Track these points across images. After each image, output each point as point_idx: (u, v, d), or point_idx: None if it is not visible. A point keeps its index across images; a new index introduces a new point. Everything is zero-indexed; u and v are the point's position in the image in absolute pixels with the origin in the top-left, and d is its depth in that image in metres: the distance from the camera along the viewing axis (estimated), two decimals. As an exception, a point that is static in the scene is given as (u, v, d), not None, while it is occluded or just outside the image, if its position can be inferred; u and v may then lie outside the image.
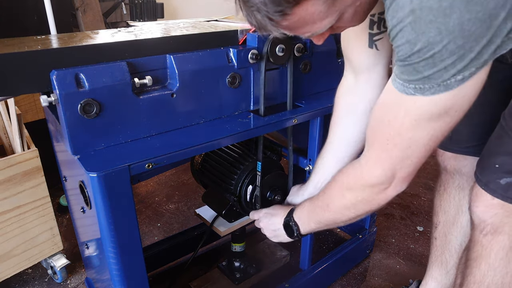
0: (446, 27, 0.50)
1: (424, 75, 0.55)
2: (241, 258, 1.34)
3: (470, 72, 0.54)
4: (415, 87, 0.58)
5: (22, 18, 1.88)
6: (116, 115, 0.76)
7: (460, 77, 0.55)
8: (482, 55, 0.53)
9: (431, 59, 0.53)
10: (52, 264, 1.43)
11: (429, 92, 0.57)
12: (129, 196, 0.73)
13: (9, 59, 0.66)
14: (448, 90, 0.56)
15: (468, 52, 0.52)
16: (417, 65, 0.55)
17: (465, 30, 0.50)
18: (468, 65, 0.53)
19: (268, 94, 1.00)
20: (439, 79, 0.55)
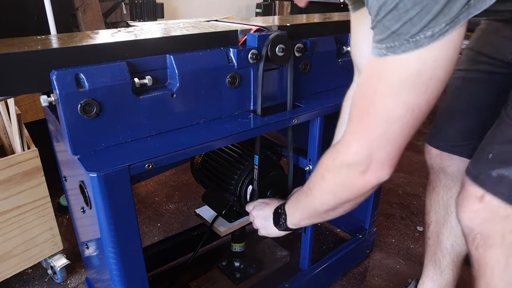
0: None
1: (392, 30, 0.54)
2: (241, 258, 1.34)
3: (440, 28, 0.52)
4: (386, 46, 0.55)
5: (22, 18, 1.88)
6: (116, 115, 0.76)
7: (430, 32, 0.52)
8: (450, 9, 0.51)
9: (395, 11, 0.52)
10: (52, 264, 1.43)
11: (400, 50, 0.54)
12: (129, 196, 0.73)
13: (9, 59, 0.66)
14: (418, 47, 0.53)
15: (433, 3, 0.50)
16: (385, 20, 0.53)
17: None
18: (436, 19, 0.51)
19: (268, 94, 1.00)
20: (407, 34, 0.53)
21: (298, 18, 1.33)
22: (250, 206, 1.07)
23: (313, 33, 1.08)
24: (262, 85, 0.94)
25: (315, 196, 0.79)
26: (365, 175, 0.66)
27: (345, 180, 0.69)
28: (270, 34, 0.92)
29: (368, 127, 0.62)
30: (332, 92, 1.15)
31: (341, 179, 0.70)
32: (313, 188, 0.79)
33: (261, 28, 0.97)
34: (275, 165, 1.14)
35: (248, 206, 1.08)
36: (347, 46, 1.17)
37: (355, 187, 0.69)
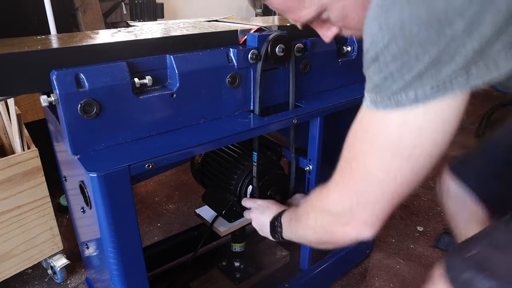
0: (387, 23, 0.45)
1: (375, 82, 0.49)
2: (241, 258, 1.34)
3: (425, 92, 0.46)
4: (370, 98, 0.51)
5: (22, 18, 1.88)
6: (116, 115, 0.76)
7: (412, 94, 0.46)
8: (438, 71, 0.44)
9: (376, 62, 0.48)
10: (52, 264, 1.43)
11: (381, 105, 0.50)
12: (129, 196, 0.73)
13: (9, 59, 0.66)
14: (399, 107, 0.48)
15: (414, 60, 0.45)
16: (369, 70, 0.50)
17: (406, 30, 0.43)
18: (420, 79, 0.45)
19: (268, 94, 1.00)
20: (388, 90, 0.48)
21: (298, 18, 1.33)
22: (248, 203, 1.06)
23: (313, 33, 1.08)
24: (260, 85, 0.94)
25: (302, 227, 0.78)
26: (345, 227, 0.62)
27: (326, 225, 0.67)
28: (270, 34, 0.92)
29: (350, 181, 0.59)
30: (332, 92, 1.15)
31: (323, 222, 0.68)
32: (301, 219, 0.78)
33: (261, 28, 0.97)
34: (275, 165, 1.14)
35: (246, 202, 1.07)
36: (347, 46, 1.18)
37: (335, 235, 0.66)
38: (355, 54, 1.18)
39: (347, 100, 1.09)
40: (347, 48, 1.17)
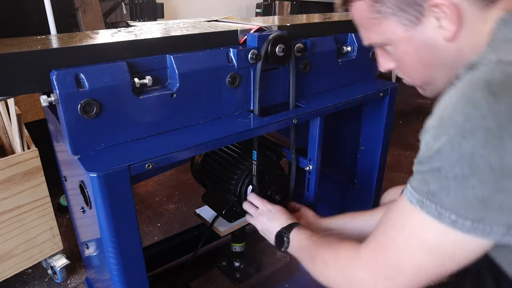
0: (459, 147, 0.48)
1: (429, 189, 0.52)
2: (241, 258, 1.34)
3: (464, 222, 0.50)
4: (419, 198, 0.54)
5: (22, 18, 1.88)
6: (116, 115, 0.76)
7: (454, 217, 0.50)
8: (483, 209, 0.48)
9: (437, 172, 0.50)
10: (52, 264, 1.43)
11: (426, 210, 0.53)
12: (129, 196, 0.73)
13: (9, 59, 0.66)
14: (439, 221, 0.52)
15: (470, 190, 0.48)
16: (426, 174, 0.52)
17: (474, 163, 0.47)
18: (464, 208, 0.49)
19: (268, 94, 1.00)
20: (438, 203, 0.51)
21: (298, 18, 1.33)
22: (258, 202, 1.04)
23: (313, 33, 1.08)
24: (260, 85, 0.94)
25: (313, 268, 0.78)
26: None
27: (340, 284, 0.69)
28: (270, 34, 0.92)
29: (380, 265, 0.61)
30: (332, 92, 1.15)
31: (340, 283, 0.69)
32: (316, 259, 0.78)
33: (261, 28, 0.97)
34: (275, 165, 1.14)
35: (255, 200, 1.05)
36: (347, 46, 1.18)
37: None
38: (355, 54, 1.18)
39: (347, 100, 1.09)
40: (347, 48, 1.17)
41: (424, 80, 0.68)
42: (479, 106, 0.47)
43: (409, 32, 0.62)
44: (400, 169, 2.34)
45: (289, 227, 0.93)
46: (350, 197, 1.45)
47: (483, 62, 0.53)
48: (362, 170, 1.38)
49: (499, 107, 0.46)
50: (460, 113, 0.48)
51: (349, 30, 1.19)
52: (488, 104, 0.47)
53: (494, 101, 0.47)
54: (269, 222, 0.99)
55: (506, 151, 0.46)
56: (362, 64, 1.22)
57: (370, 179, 1.34)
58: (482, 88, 0.48)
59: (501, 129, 0.46)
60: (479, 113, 0.47)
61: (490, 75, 0.49)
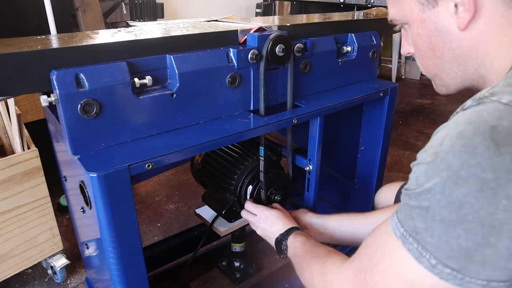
0: (450, 193, 0.45)
1: (415, 225, 0.50)
2: (241, 258, 1.34)
3: (444, 268, 0.47)
4: (403, 233, 0.51)
5: (22, 18, 1.88)
6: (116, 115, 0.76)
7: (434, 261, 0.48)
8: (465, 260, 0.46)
9: (425, 211, 0.48)
10: (52, 264, 1.43)
11: (407, 247, 0.51)
12: (129, 196, 0.73)
13: (9, 59, 0.66)
14: (418, 262, 0.49)
15: (455, 238, 0.45)
16: (413, 210, 0.50)
17: (462, 211, 0.45)
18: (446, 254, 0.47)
19: (268, 94, 1.00)
20: (420, 243, 0.49)
21: (298, 18, 1.33)
22: (255, 210, 1.04)
23: (313, 33, 1.08)
24: (265, 84, 0.94)
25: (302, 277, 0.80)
26: None
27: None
28: (270, 34, 0.92)
29: (359, 282, 0.60)
30: (332, 92, 1.15)
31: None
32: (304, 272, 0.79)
33: (261, 28, 0.97)
34: (275, 165, 1.14)
35: (252, 209, 1.05)
36: (347, 46, 1.18)
37: None
38: (355, 54, 1.18)
39: (347, 100, 1.09)
40: (347, 48, 1.17)
41: (434, 71, 0.66)
42: (477, 154, 0.44)
43: (424, 13, 0.60)
44: (400, 169, 2.34)
45: (286, 233, 0.94)
46: (350, 197, 1.45)
47: (492, 100, 0.47)
48: (362, 170, 1.38)
49: (500, 160, 0.43)
50: (456, 157, 0.45)
51: (349, 30, 1.19)
52: (489, 154, 0.43)
53: (496, 152, 0.43)
54: (269, 228, 1.00)
55: (499, 207, 0.43)
56: (362, 64, 1.22)
57: (370, 179, 1.34)
58: (484, 133, 0.44)
59: (498, 184, 0.43)
60: (477, 161, 0.44)
61: (496, 120, 0.44)
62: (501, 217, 0.43)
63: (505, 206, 0.43)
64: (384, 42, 3.48)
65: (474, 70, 0.61)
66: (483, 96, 0.49)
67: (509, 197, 0.43)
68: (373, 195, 1.35)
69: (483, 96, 0.49)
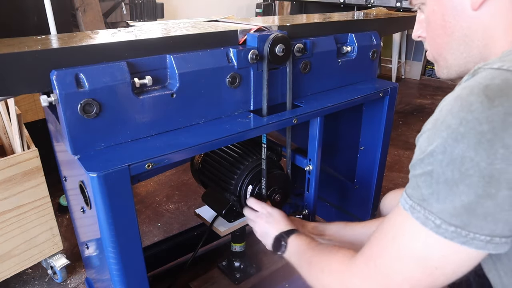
0: (451, 150, 0.47)
1: (422, 193, 0.51)
2: (241, 258, 1.34)
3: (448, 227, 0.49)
4: (411, 204, 0.53)
5: (22, 18, 1.88)
6: (116, 115, 0.76)
7: (438, 221, 0.49)
8: (468, 216, 0.47)
9: (429, 176, 0.50)
10: (52, 264, 1.43)
11: (415, 215, 0.52)
12: (129, 196, 0.73)
13: (9, 59, 0.66)
14: (424, 226, 0.51)
15: (458, 196, 0.47)
16: (419, 178, 0.51)
17: (464, 166, 0.46)
18: (450, 214, 0.48)
19: (268, 94, 1.00)
20: (427, 208, 0.50)
21: (298, 18, 1.33)
22: (258, 206, 1.04)
23: (313, 33, 1.08)
24: (267, 84, 0.94)
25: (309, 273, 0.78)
26: None
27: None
28: (270, 34, 0.92)
29: (372, 270, 0.61)
30: (332, 92, 1.15)
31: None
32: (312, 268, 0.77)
33: (261, 28, 0.97)
34: (275, 165, 1.14)
35: (254, 205, 1.04)
36: (347, 46, 1.18)
37: None
38: (355, 54, 1.18)
39: (347, 100, 1.09)
40: (347, 48, 1.17)
41: (441, 50, 0.67)
42: (473, 110, 0.46)
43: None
44: (400, 169, 2.34)
45: (288, 232, 0.93)
46: (350, 197, 1.45)
47: (484, 68, 0.52)
48: (362, 170, 1.38)
49: (494, 112, 0.45)
50: (454, 116, 0.48)
51: (349, 30, 1.19)
52: (483, 108, 0.46)
53: (489, 105, 0.46)
54: (268, 225, 0.99)
55: (497, 156, 0.45)
56: (362, 64, 1.22)
57: (370, 179, 1.34)
58: (478, 92, 0.47)
59: (494, 134, 0.45)
60: (473, 116, 0.46)
61: (489, 80, 0.48)
62: (499, 166, 0.45)
63: (502, 155, 0.45)
64: (384, 42, 3.48)
65: (478, 53, 0.62)
66: (477, 68, 0.53)
67: (505, 146, 0.45)
68: (373, 195, 1.36)
69: (477, 68, 0.53)
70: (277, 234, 0.95)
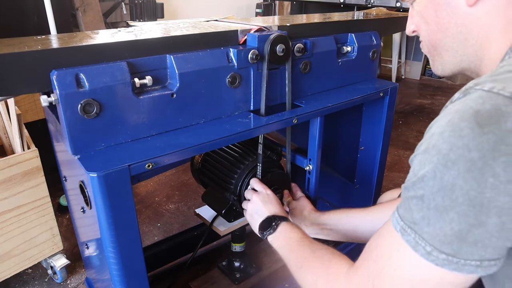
0: (441, 176, 0.47)
1: (413, 217, 0.51)
2: (241, 258, 1.34)
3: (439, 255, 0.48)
4: (402, 226, 0.52)
5: (22, 18, 1.88)
6: (116, 115, 0.76)
7: (429, 248, 0.49)
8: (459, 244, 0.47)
9: (420, 200, 0.49)
10: (52, 264, 1.43)
11: (405, 238, 0.51)
12: (129, 196, 0.73)
13: (9, 59, 0.66)
14: (415, 251, 0.50)
15: (448, 223, 0.47)
16: (411, 201, 0.51)
17: (455, 192, 0.46)
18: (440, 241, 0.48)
19: (268, 94, 1.00)
20: (418, 232, 0.50)
21: (298, 18, 1.33)
22: (260, 186, 1.02)
23: (313, 33, 1.08)
24: (267, 84, 0.94)
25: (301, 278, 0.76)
26: None
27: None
28: (270, 34, 0.92)
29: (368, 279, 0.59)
30: (332, 92, 1.15)
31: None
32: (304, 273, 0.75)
33: (261, 28, 0.97)
34: (275, 164, 1.14)
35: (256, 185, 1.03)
36: (347, 46, 1.18)
37: None
38: (355, 54, 1.18)
39: (347, 100, 1.09)
40: (347, 48, 1.17)
41: (435, 46, 0.66)
42: (464, 136, 0.46)
43: None
44: (400, 169, 2.34)
45: (280, 218, 0.92)
46: (350, 197, 1.45)
47: (475, 89, 0.50)
48: (362, 170, 1.38)
49: (484, 139, 0.45)
50: (445, 142, 0.47)
51: (349, 30, 1.19)
52: (474, 134, 0.45)
53: (479, 132, 0.45)
54: (263, 205, 0.96)
55: (486, 185, 0.44)
56: (362, 64, 1.22)
57: (370, 179, 1.34)
58: (469, 118, 0.46)
59: (484, 162, 0.44)
60: (463, 143, 0.45)
61: (480, 105, 0.47)
62: (489, 195, 0.45)
63: (492, 185, 0.44)
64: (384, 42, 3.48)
65: (473, 52, 0.61)
66: (468, 87, 0.52)
67: (495, 176, 0.44)
68: (373, 195, 1.36)
69: (468, 87, 0.52)
70: (269, 215, 0.93)
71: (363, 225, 0.98)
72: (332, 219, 1.03)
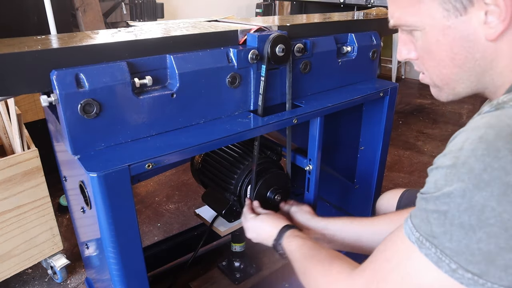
0: (471, 196, 0.45)
1: (432, 230, 0.49)
2: (241, 258, 1.34)
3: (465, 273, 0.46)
4: (418, 237, 0.51)
5: (22, 18, 1.88)
6: (116, 115, 0.76)
7: (454, 266, 0.47)
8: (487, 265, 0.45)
9: (443, 216, 0.47)
10: (52, 264, 1.43)
11: (424, 251, 0.50)
12: (129, 196, 0.73)
13: (9, 59, 0.66)
14: (437, 267, 0.48)
15: (475, 242, 0.45)
16: (431, 215, 0.49)
17: (484, 215, 0.44)
18: (466, 259, 0.46)
19: (268, 94, 1.00)
20: (439, 247, 0.48)
21: (298, 18, 1.33)
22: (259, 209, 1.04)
23: (313, 33, 1.08)
24: (265, 84, 0.94)
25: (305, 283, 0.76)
26: None
27: None
28: (270, 34, 0.92)
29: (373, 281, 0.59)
30: (332, 92, 1.15)
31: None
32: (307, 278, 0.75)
33: (261, 28, 0.97)
34: (275, 165, 1.14)
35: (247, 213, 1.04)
36: (347, 46, 1.18)
37: None
38: (355, 54, 1.18)
39: (347, 100, 1.09)
40: (347, 48, 1.17)
41: (447, 80, 0.62)
42: (501, 157, 0.43)
43: (449, 20, 0.55)
44: (400, 169, 2.34)
45: (278, 237, 0.91)
46: (350, 197, 1.45)
47: (511, 105, 0.47)
48: (362, 170, 1.38)
49: None
50: (479, 160, 0.45)
51: (349, 30, 1.19)
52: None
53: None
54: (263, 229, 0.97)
55: None
56: (362, 64, 1.22)
57: (370, 179, 1.34)
58: (506, 137, 0.44)
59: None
60: (500, 165, 0.43)
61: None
62: None
63: None
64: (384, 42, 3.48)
65: (490, 80, 0.59)
66: (502, 102, 0.49)
67: None
68: (373, 195, 1.35)
69: (502, 102, 0.49)
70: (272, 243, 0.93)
71: (367, 236, 0.97)
72: (335, 226, 1.02)
